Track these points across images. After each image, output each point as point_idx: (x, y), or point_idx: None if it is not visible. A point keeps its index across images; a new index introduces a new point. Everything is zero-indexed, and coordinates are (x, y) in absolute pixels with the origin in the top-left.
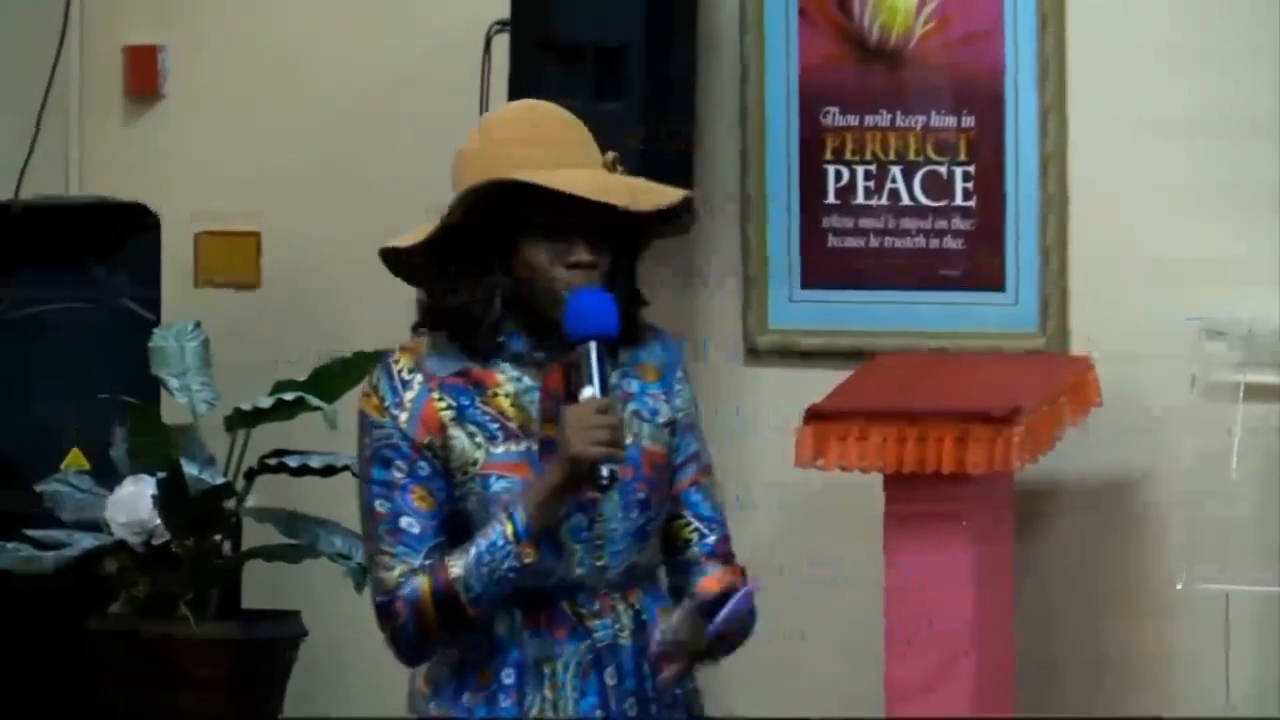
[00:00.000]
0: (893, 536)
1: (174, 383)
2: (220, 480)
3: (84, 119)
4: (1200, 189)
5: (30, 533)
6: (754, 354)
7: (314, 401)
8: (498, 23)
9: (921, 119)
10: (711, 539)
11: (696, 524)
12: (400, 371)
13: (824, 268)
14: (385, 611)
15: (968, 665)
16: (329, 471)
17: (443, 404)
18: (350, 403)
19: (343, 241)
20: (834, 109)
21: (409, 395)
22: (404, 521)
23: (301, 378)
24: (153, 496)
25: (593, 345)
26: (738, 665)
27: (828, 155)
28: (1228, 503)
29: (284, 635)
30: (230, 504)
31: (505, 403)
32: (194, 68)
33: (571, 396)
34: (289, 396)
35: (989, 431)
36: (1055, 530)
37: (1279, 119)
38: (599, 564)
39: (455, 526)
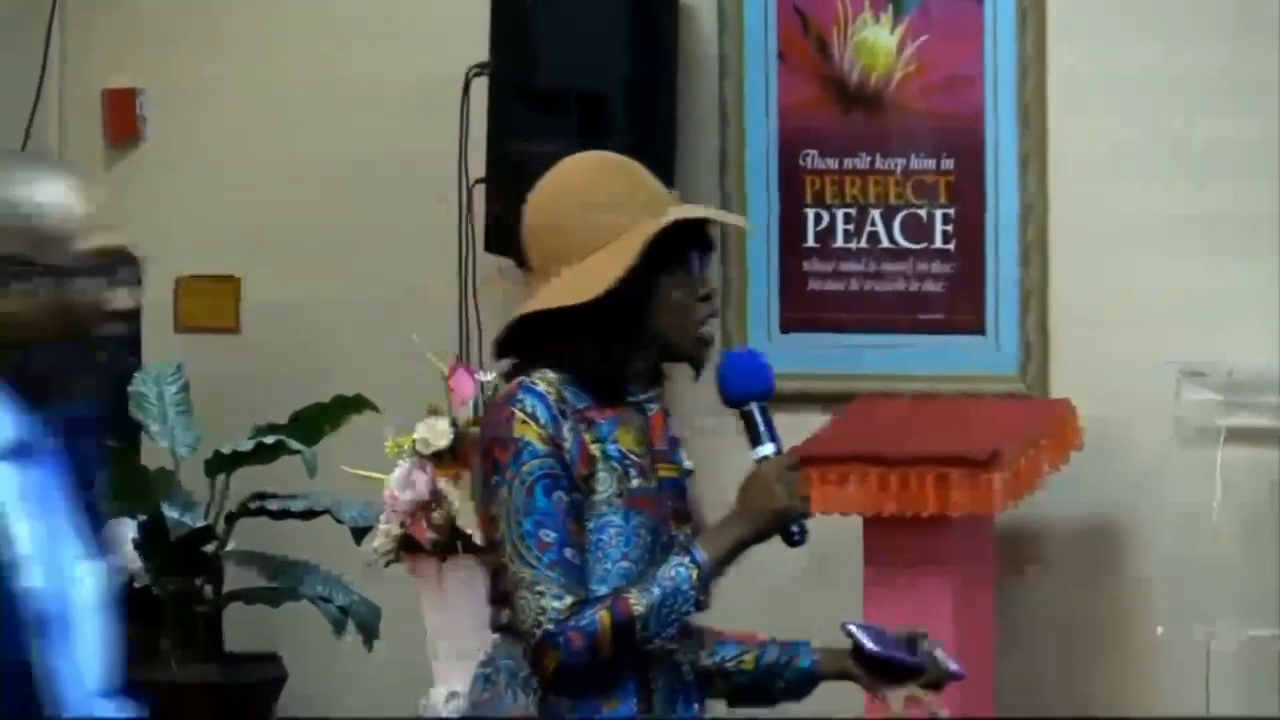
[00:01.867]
0: (873, 580)
1: (154, 426)
2: (201, 523)
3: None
4: (1180, 232)
5: None
6: None
7: (294, 445)
8: (476, 66)
9: (901, 162)
10: None
11: None
12: (554, 401)
13: (804, 311)
14: (553, 641)
15: (947, 709)
16: (309, 515)
17: (590, 436)
18: (330, 447)
19: (322, 284)
20: (813, 152)
21: (565, 426)
22: (568, 552)
23: (281, 421)
24: (133, 540)
25: (754, 405)
26: None
27: (807, 198)
28: (1210, 548)
29: (265, 679)
30: (211, 547)
31: (631, 440)
32: (174, 111)
33: (674, 440)
34: (269, 440)
35: (970, 475)
36: (1036, 574)
37: (1259, 161)
38: None
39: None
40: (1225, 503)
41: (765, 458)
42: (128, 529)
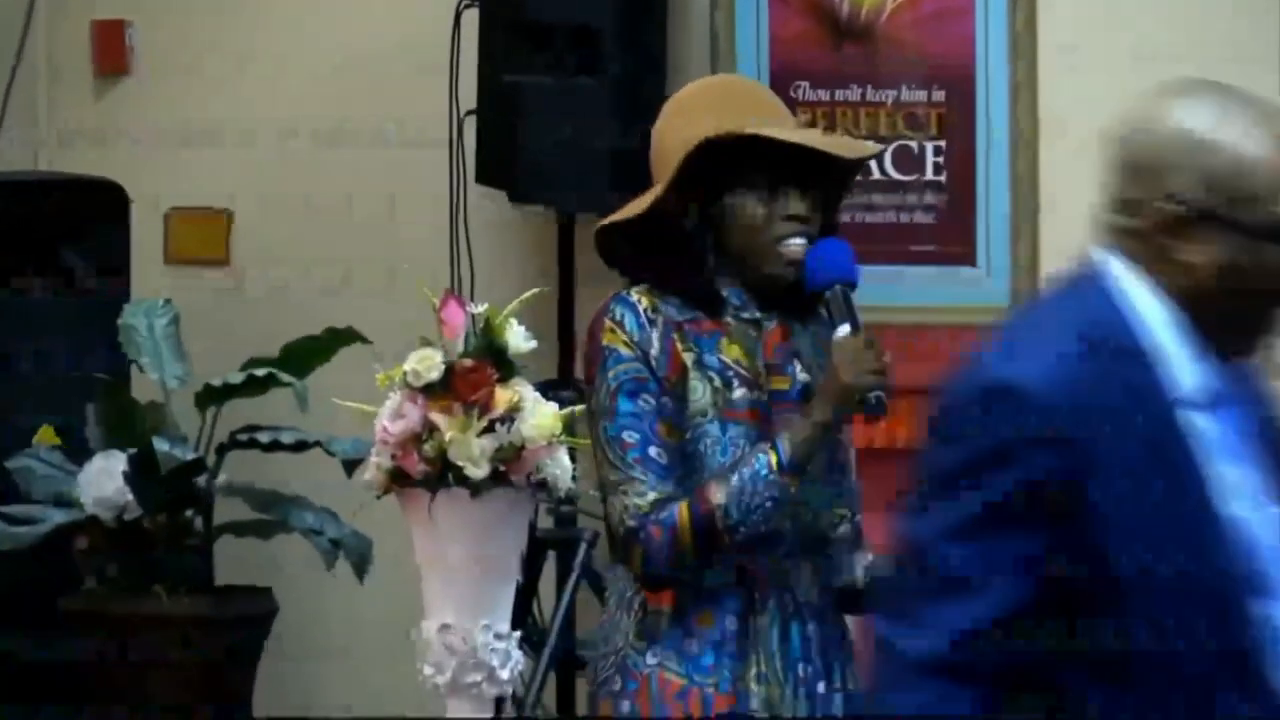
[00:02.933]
0: (865, 512)
1: (144, 359)
2: (191, 456)
3: (52, 96)
4: None
5: (2, 509)
6: None
7: (285, 378)
8: (466, 0)
9: (892, 94)
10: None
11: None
12: (645, 310)
13: None
14: (635, 536)
15: None
16: (301, 447)
17: (684, 346)
18: (321, 380)
19: (312, 219)
20: (805, 84)
21: (655, 332)
22: (653, 451)
23: (272, 354)
24: (124, 473)
25: (839, 288)
26: None
27: None
28: None
29: (256, 612)
30: (201, 480)
31: (738, 351)
32: (162, 43)
33: (794, 354)
34: (260, 373)
35: None
36: None
37: (1256, 73)
38: (805, 520)
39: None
40: None
41: (844, 338)
42: (117, 462)
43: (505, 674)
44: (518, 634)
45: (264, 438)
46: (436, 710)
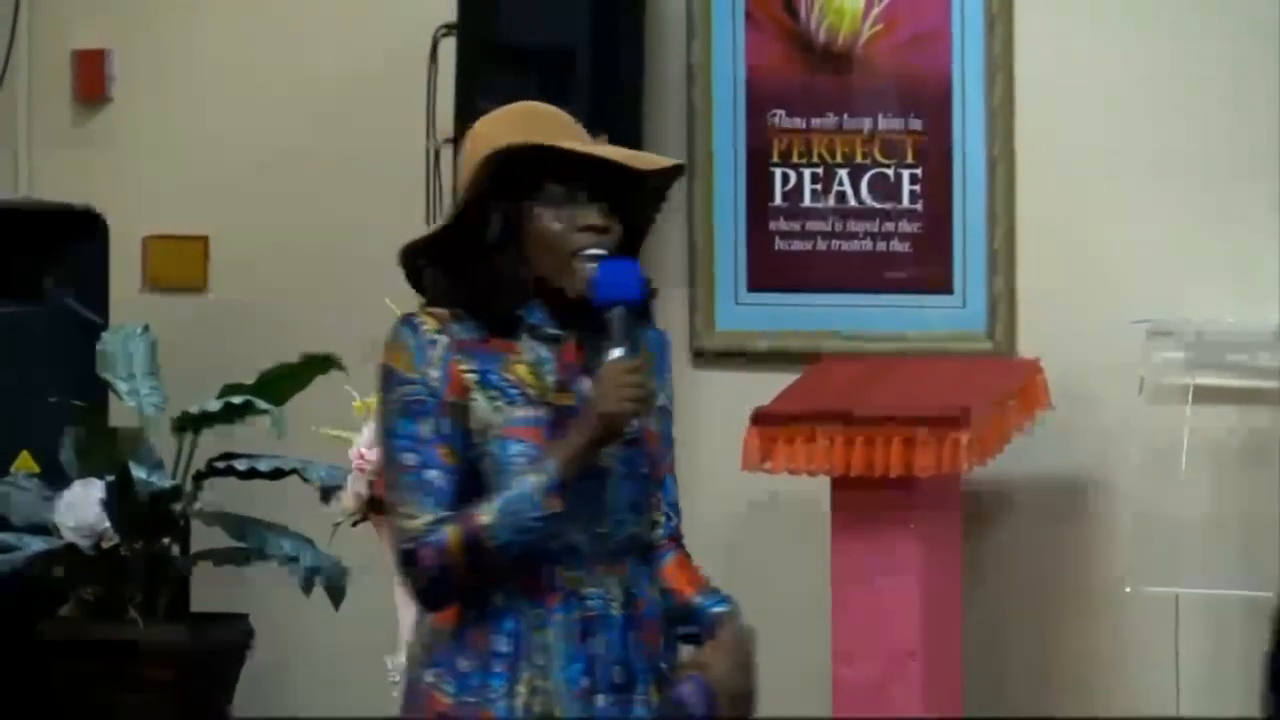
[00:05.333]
0: (840, 539)
1: (122, 386)
2: (168, 483)
3: (32, 123)
4: (1148, 190)
5: None
6: (701, 357)
7: (262, 405)
8: (444, 26)
9: (869, 121)
10: (674, 523)
11: (665, 508)
12: (427, 331)
13: (771, 270)
14: (410, 557)
15: (916, 668)
16: (277, 475)
17: (465, 367)
18: (298, 406)
19: (290, 245)
20: (781, 111)
21: (435, 354)
22: (430, 474)
23: (249, 381)
24: (101, 500)
25: (619, 309)
26: None
27: (774, 158)
28: (1177, 505)
29: (233, 639)
30: (179, 507)
31: (524, 370)
32: (142, 72)
33: (585, 370)
34: (237, 400)
35: (936, 434)
36: (1005, 533)
37: (1229, 101)
38: (601, 531)
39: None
40: (1192, 463)
41: (611, 362)
42: (95, 488)
43: None
44: None
45: (241, 465)
46: None
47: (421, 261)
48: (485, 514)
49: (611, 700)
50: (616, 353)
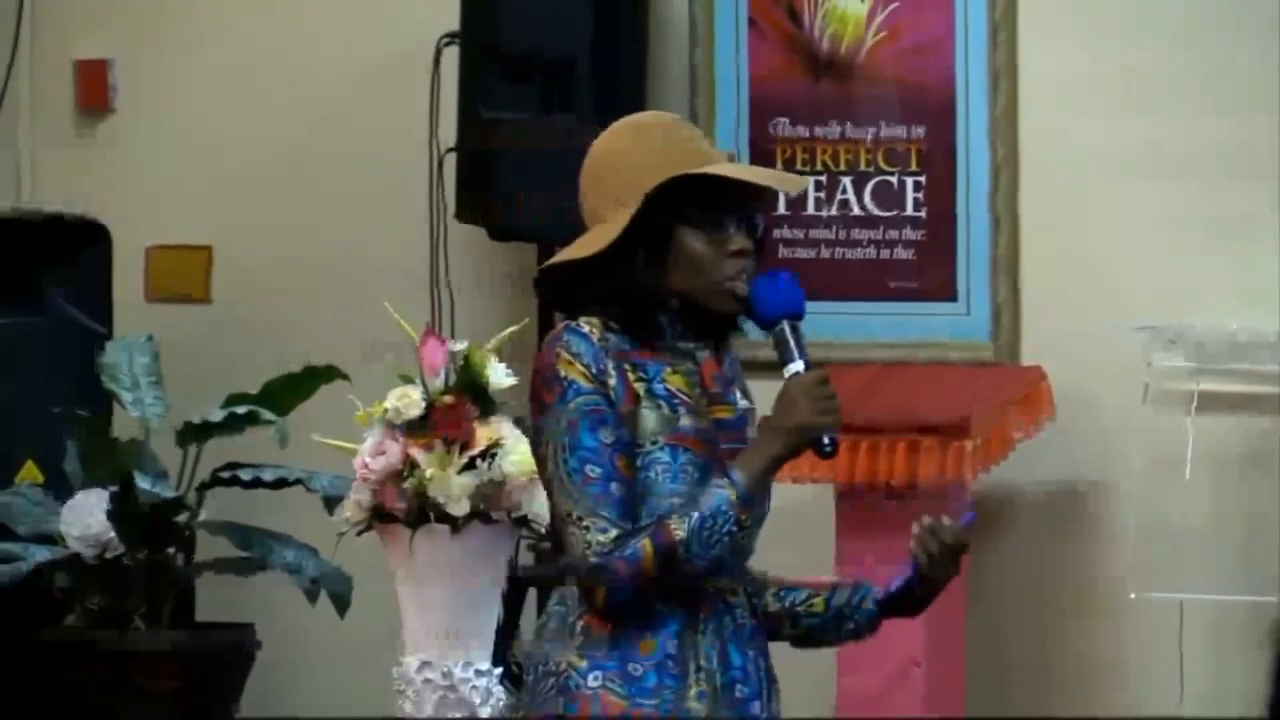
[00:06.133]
0: (844, 547)
1: (126, 396)
2: (172, 493)
3: (35, 133)
4: (1151, 197)
5: None
6: None
7: (266, 415)
8: (447, 35)
9: (872, 130)
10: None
11: None
12: (597, 340)
13: None
14: (600, 572)
15: (919, 675)
16: (281, 484)
17: (635, 375)
18: (301, 415)
19: (293, 255)
20: (784, 120)
21: (609, 363)
22: (614, 486)
23: (252, 391)
24: (106, 510)
25: (786, 324)
26: None
27: (778, 166)
28: (1181, 511)
29: (238, 649)
30: (183, 517)
31: (680, 380)
32: (145, 81)
33: (729, 382)
34: (240, 410)
35: (940, 442)
36: (1009, 540)
37: (1232, 108)
38: (744, 544)
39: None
40: (1195, 469)
41: (795, 374)
42: (99, 498)
43: (486, 711)
44: (498, 670)
45: (245, 475)
46: None
47: (562, 280)
48: (679, 528)
49: (757, 706)
50: (796, 366)
